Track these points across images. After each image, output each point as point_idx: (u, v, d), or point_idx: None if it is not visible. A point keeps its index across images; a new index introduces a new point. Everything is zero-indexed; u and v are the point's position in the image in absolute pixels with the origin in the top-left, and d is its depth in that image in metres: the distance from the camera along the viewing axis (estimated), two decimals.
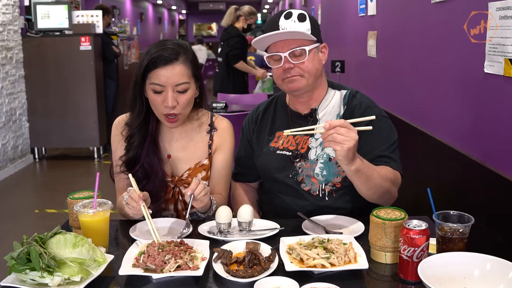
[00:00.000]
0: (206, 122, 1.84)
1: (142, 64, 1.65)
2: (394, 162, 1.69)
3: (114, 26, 7.46)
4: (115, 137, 1.81)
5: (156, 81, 1.63)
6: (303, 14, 1.70)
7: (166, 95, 1.63)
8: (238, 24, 5.35)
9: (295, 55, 1.68)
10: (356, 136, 1.42)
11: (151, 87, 1.65)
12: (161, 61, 1.62)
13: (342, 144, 1.41)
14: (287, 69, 1.69)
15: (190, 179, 1.77)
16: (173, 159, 1.80)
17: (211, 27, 24.27)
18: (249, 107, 4.38)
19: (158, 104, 1.65)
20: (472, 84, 1.94)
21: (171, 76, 1.62)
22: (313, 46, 1.70)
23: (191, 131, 1.82)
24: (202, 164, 1.80)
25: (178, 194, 1.79)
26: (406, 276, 1.27)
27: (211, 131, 1.83)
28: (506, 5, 1.63)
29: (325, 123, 1.43)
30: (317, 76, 1.74)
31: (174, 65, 1.63)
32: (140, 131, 1.74)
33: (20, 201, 4.71)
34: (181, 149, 1.80)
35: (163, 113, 1.67)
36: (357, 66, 4.31)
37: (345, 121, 1.42)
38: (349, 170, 1.51)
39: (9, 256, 1.23)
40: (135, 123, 1.74)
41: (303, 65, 1.69)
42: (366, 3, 3.84)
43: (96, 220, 1.45)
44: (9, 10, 5.51)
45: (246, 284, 1.25)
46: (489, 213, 1.75)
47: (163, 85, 1.62)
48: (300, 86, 1.72)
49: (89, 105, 5.89)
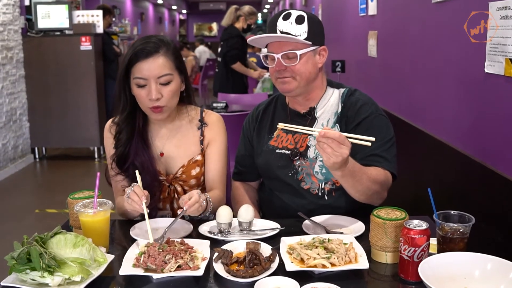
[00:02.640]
0: (196, 118, 1.85)
1: (125, 59, 1.67)
2: (386, 161, 1.68)
3: (115, 26, 7.47)
4: (107, 140, 1.82)
5: (138, 74, 1.64)
6: (302, 16, 1.69)
7: (149, 88, 1.64)
8: (238, 24, 5.35)
9: (288, 57, 1.70)
10: (346, 152, 1.40)
11: (135, 82, 1.66)
12: (142, 54, 1.64)
13: (329, 156, 1.40)
14: (279, 70, 1.71)
15: (184, 176, 1.78)
16: (166, 157, 1.80)
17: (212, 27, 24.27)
18: (249, 107, 4.37)
19: (143, 98, 1.66)
20: (473, 84, 1.94)
21: (153, 69, 1.64)
22: (306, 50, 1.70)
23: (182, 128, 1.83)
24: (196, 160, 1.80)
25: (173, 192, 1.80)
26: (406, 276, 1.27)
27: (201, 127, 1.83)
28: (506, 5, 1.63)
29: (321, 130, 1.40)
30: (310, 79, 1.74)
31: (155, 57, 1.64)
32: (127, 127, 1.74)
33: (20, 201, 4.71)
34: (173, 147, 1.81)
35: (148, 106, 1.68)
36: (357, 66, 4.31)
37: (341, 134, 1.39)
38: (335, 174, 1.51)
39: (10, 256, 1.23)
40: (121, 119, 1.75)
41: (294, 68, 1.70)
42: (366, 3, 3.84)
43: (97, 220, 1.46)
44: (9, 10, 5.51)
45: (246, 284, 1.25)
46: (489, 213, 1.75)
47: (146, 78, 1.64)
48: (291, 88, 1.73)
49: (89, 105, 5.89)
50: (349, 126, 1.74)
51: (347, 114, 1.76)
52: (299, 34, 1.68)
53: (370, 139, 1.40)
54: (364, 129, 1.71)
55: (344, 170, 1.47)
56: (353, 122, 1.74)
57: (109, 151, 1.81)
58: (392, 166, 1.69)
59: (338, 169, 1.46)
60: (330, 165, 1.43)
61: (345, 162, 1.43)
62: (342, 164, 1.43)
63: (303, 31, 1.69)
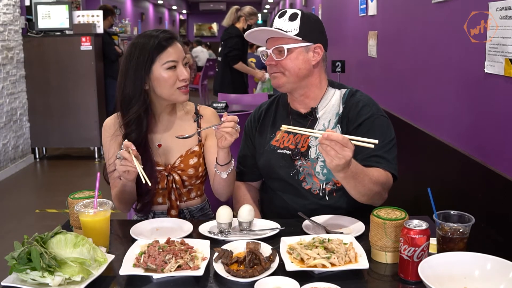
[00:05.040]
0: (192, 111, 1.92)
1: (153, 48, 1.72)
2: (387, 162, 1.68)
3: (115, 26, 7.47)
4: (106, 138, 1.85)
5: (170, 58, 1.73)
6: (296, 14, 1.73)
7: (179, 69, 1.75)
8: (238, 24, 5.35)
9: (278, 52, 1.73)
10: (349, 155, 1.40)
11: (166, 66, 1.73)
12: (167, 42, 1.74)
13: (332, 159, 1.40)
14: (270, 65, 1.77)
15: (182, 165, 1.83)
16: (164, 148, 1.85)
17: (212, 27, 24.27)
18: (249, 107, 4.38)
19: (173, 80, 1.74)
20: (473, 84, 1.94)
21: (179, 52, 1.76)
22: (295, 45, 1.72)
23: (179, 119, 1.88)
24: (193, 151, 1.85)
25: (172, 182, 1.83)
26: (406, 276, 1.27)
27: (197, 119, 1.90)
28: (506, 5, 1.63)
29: (324, 132, 1.40)
30: (300, 75, 1.75)
31: (176, 42, 1.77)
32: (137, 128, 1.75)
33: (20, 201, 4.72)
34: (171, 138, 1.84)
35: (177, 87, 1.75)
36: (357, 66, 4.31)
37: (344, 137, 1.39)
38: (337, 176, 1.52)
39: (10, 256, 1.23)
40: (134, 116, 1.74)
41: (283, 63, 1.73)
42: (366, 3, 3.84)
43: (97, 220, 1.46)
44: (9, 10, 5.51)
45: (246, 284, 1.25)
46: (489, 213, 1.75)
47: (176, 60, 1.75)
48: (280, 83, 1.77)
49: (89, 105, 5.89)
50: (350, 127, 1.74)
51: (348, 115, 1.76)
52: (289, 30, 1.72)
53: (373, 142, 1.40)
54: (365, 130, 1.71)
55: (346, 172, 1.47)
56: (354, 123, 1.74)
57: (108, 148, 1.84)
58: (393, 167, 1.69)
59: (340, 171, 1.46)
60: (333, 167, 1.44)
61: (348, 164, 1.43)
62: (345, 166, 1.43)
63: (294, 27, 1.72)
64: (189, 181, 1.86)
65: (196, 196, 1.92)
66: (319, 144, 1.43)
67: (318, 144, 1.76)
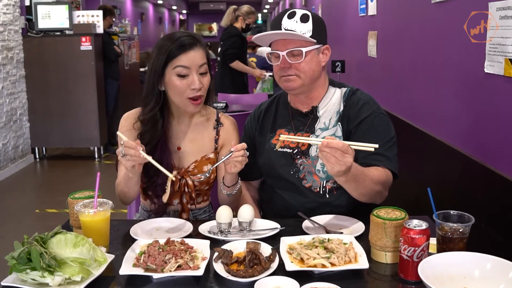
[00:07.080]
0: (213, 118, 1.90)
1: (166, 51, 1.68)
2: (388, 160, 1.69)
3: (115, 26, 7.47)
4: (123, 129, 1.82)
5: (182, 63, 1.69)
6: (307, 15, 1.71)
7: (192, 77, 1.70)
8: (237, 24, 5.36)
9: (293, 55, 1.71)
10: (350, 161, 1.40)
11: (176, 71, 1.70)
12: (184, 47, 1.70)
13: (333, 166, 1.40)
14: (284, 68, 1.72)
15: (196, 170, 1.82)
16: (182, 151, 1.85)
17: (212, 27, 24.26)
18: (249, 107, 4.37)
19: (183, 88, 1.71)
20: (473, 84, 1.94)
21: (195, 59, 1.70)
22: (311, 48, 1.71)
23: (199, 125, 1.87)
24: (208, 158, 1.85)
25: (184, 186, 1.82)
26: (406, 276, 1.27)
27: (217, 127, 1.89)
28: (506, 5, 1.64)
29: (324, 140, 1.40)
30: (314, 77, 1.75)
31: (196, 48, 1.71)
32: (153, 128, 1.76)
33: (20, 201, 4.72)
34: (190, 142, 1.85)
35: (188, 97, 1.71)
36: (357, 66, 4.31)
37: (344, 144, 1.39)
38: (338, 181, 1.52)
39: (10, 256, 1.23)
40: (149, 116, 1.76)
41: (299, 66, 1.71)
42: (366, 3, 3.84)
43: (97, 220, 1.46)
44: (9, 10, 5.51)
45: (246, 284, 1.25)
46: (489, 213, 1.75)
47: (189, 66, 1.69)
48: (295, 86, 1.74)
49: (89, 105, 5.89)
50: (351, 125, 1.74)
51: (349, 113, 1.76)
52: (304, 32, 1.69)
53: (373, 146, 1.41)
54: (365, 128, 1.71)
55: (347, 176, 1.47)
56: (354, 121, 1.74)
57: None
58: (394, 165, 1.70)
59: (342, 176, 1.46)
60: (334, 174, 1.44)
61: (349, 169, 1.44)
62: (346, 172, 1.43)
63: (308, 29, 1.70)
64: (199, 186, 1.85)
65: (203, 200, 1.93)
66: (318, 151, 1.43)
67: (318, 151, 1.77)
